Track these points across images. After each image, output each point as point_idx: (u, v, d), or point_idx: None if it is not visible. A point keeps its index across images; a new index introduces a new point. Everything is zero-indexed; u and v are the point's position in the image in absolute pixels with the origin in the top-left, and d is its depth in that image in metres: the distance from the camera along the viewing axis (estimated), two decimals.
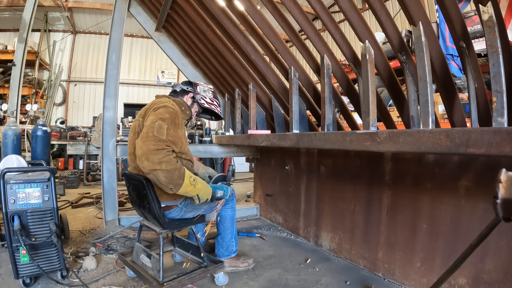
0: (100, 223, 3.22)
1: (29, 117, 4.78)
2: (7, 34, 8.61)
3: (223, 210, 2.17)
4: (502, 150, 0.98)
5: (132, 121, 8.38)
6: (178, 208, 1.87)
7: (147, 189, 1.72)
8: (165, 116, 1.68)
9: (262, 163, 3.74)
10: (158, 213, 1.77)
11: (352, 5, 1.60)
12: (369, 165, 2.29)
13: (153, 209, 1.76)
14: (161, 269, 1.73)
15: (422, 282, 1.88)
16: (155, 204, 1.75)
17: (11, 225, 1.75)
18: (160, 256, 1.75)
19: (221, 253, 2.21)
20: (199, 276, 1.89)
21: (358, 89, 1.90)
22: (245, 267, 2.23)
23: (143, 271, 1.89)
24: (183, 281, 1.79)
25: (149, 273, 1.84)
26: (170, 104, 1.82)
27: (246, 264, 2.24)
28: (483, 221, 1.60)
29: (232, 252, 2.22)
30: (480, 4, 1.17)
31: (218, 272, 2.00)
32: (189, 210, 1.91)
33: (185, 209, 1.89)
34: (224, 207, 2.16)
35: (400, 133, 1.32)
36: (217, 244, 2.23)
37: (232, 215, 2.20)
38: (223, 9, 2.27)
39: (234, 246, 2.23)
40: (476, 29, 3.12)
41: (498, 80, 1.12)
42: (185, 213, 1.90)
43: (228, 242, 2.20)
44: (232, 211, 2.20)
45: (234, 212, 2.22)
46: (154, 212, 1.77)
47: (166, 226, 1.84)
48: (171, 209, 1.86)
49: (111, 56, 3.10)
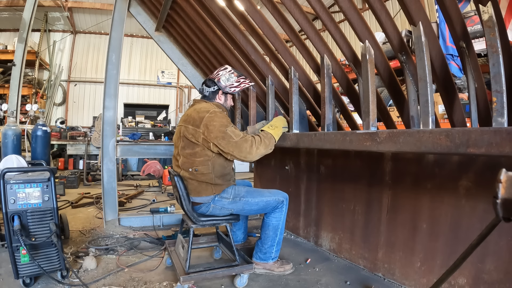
0: (100, 223, 3.22)
1: (29, 117, 4.77)
2: (7, 34, 8.60)
3: (267, 217, 2.15)
4: (502, 150, 0.98)
5: (133, 121, 8.43)
6: (205, 204, 2.01)
7: (178, 186, 1.93)
8: (224, 123, 1.93)
9: (262, 163, 3.74)
10: (188, 207, 1.96)
11: (352, 5, 1.60)
12: (369, 165, 2.29)
13: (183, 203, 1.95)
14: (188, 260, 1.88)
15: (422, 282, 1.88)
16: (185, 200, 1.95)
17: (11, 225, 1.75)
18: (189, 248, 1.91)
19: (258, 256, 2.19)
20: (223, 273, 1.97)
21: (358, 89, 1.90)
22: (279, 272, 2.17)
23: (177, 259, 2.07)
24: (204, 274, 1.91)
25: (181, 262, 2.00)
26: (214, 109, 2.00)
27: (282, 269, 2.19)
28: (483, 221, 1.60)
29: (269, 258, 2.17)
30: (480, 4, 1.17)
31: (246, 273, 2.00)
32: (218, 208, 2.02)
33: (213, 206, 2.01)
34: (270, 214, 2.13)
35: (400, 133, 1.32)
36: (256, 246, 2.22)
37: (276, 224, 2.12)
38: (223, 9, 2.27)
39: (274, 253, 2.18)
40: (476, 29, 3.12)
41: (498, 80, 1.12)
42: (213, 209, 2.02)
43: (267, 249, 2.16)
44: (277, 221, 2.12)
45: (280, 222, 2.13)
46: (184, 207, 1.96)
47: (195, 221, 1.98)
48: (201, 205, 2.02)
49: (111, 56, 3.10)
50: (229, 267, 1.99)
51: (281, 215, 2.13)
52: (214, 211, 2.02)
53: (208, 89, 2.12)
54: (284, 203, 2.13)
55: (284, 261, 2.26)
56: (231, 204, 2.02)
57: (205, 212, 2.02)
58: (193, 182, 1.95)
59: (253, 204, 2.05)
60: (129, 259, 2.36)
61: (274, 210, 2.11)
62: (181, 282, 1.81)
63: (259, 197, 2.07)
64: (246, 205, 2.05)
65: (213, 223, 2.05)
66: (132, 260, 2.35)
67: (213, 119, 1.91)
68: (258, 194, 2.09)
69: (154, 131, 7.96)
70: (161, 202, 4.25)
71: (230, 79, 2.10)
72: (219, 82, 2.09)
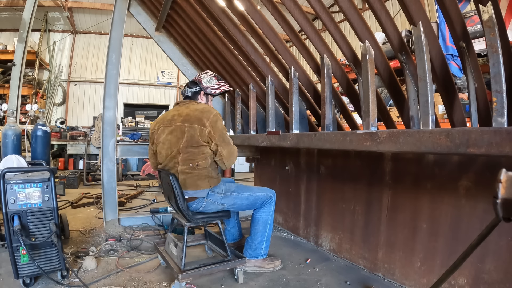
0: (100, 223, 3.22)
1: (29, 117, 4.77)
2: (7, 34, 8.61)
3: (257, 212, 2.22)
4: (502, 150, 0.98)
5: (133, 121, 8.43)
6: (200, 199, 2.04)
7: (173, 185, 1.93)
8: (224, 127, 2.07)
9: (262, 163, 3.74)
10: (183, 205, 1.97)
11: (352, 5, 1.60)
12: (369, 165, 2.29)
13: (178, 201, 1.96)
14: (183, 258, 1.91)
15: (422, 282, 1.88)
16: (180, 198, 1.95)
17: (11, 225, 1.75)
18: (183, 246, 1.93)
19: (248, 253, 2.23)
20: (218, 269, 2.02)
21: (358, 89, 1.90)
22: (270, 268, 2.23)
23: (170, 259, 2.08)
24: (201, 270, 1.94)
25: (174, 261, 2.03)
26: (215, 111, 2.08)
27: (272, 266, 2.24)
28: (483, 221, 1.60)
29: (259, 255, 2.23)
30: (480, 4, 1.17)
31: (239, 267, 2.06)
32: (211, 202, 2.06)
33: (206, 200, 2.04)
34: (259, 209, 2.21)
35: (400, 133, 1.32)
36: (246, 244, 2.27)
37: (265, 219, 2.21)
38: (223, 9, 2.27)
39: (263, 250, 2.24)
40: (476, 29, 3.12)
41: (498, 80, 1.12)
42: (207, 204, 2.05)
43: (257, 245, 2.22)
44: (266, 215, 2.21)
45: (269, 216, 2.22)
46: (178, 204, 1.96)
47: (190, 219, 2.01)
48: (194, 200, 2.04)
49: (111, 56, 3.10)
50: (223, 263, 2.04)
51: (270, 209, 2.22)
52: (207, 205, 2.06)
53: (190, 90, 2.22)
54: (272, 199, 2.23)
55: (273, 257, 2.32)
56: (223, 198, 2.08)
57: (198, 208, 2.06)
58: (192, 176, 2.01)
59: (244, 199, 2.14)
60: (129, 260, 2.37)
61: (263, 205, 2.20)
62: (180, 279, 1.83)
63: (249, 192, 2.16)
64: (237, 200, 2.12)
65: (206, 220, 2.09)
66: (132, 260, 2.35)
67: (217, 121, 2.03)
68: (248, 189, 2.19)
69: None
70: (161, 202, 4.25)
71: (211, 82, 2.22)
72: (201, 84, 2.20)
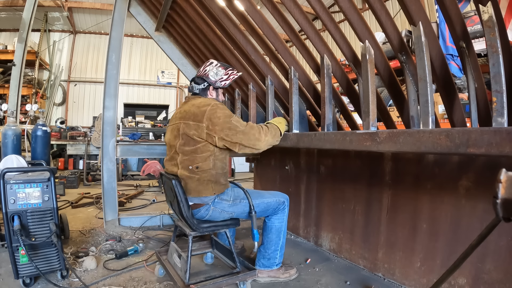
0: (100, 223, 3.22)
1: (29, 117, 4.76)
2: (7, 34, 8.59)
3: (269, 220, 2.07)
4: (502, 150, 0.98)
5: (133, 121, 8.42)
6: (205, 207, 1.87)
7: (176, 190, 1.76)
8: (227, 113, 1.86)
9: (262, 163, 3.74)
10: (187, 213, 1.80)
11: (352, 5, 1.59)
12: (369, 165, 2.29)
13: (181, 209, 1.78)
14: (188, 271, 1.75)
15: (422, 282, 1.88)
16: (184, 205, 1.78)
17: (11, 225, 1.75)
18: (188, 258, 1.76)
19: (261, 263, 2.08)
20: (226, 282, 1.85)
21: (358, 89, 1.90)
22: (285, 278, 2.09)
23: (172, 270, 1.92)
24: (207, 285, 1.77)
25: (178, 273, 1.85)
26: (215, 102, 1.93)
27: (287, 275, 2.10)
28: (483, 221, 1.60)
29: (274, 265, 2.08)
30: (480, 4, 1.17)
31: (249, 280, 1.91)
32: (218, 211, 1.90)
33: (213, 208, 1.88)
34: (272, 216, 2.06)
35: (400, 133, 1.32)
36: (259, 253, 2.12)
37: (278, 227, 2.05)
38: (223, 9, 2.27)
39: (278, 259, 2.09)
40: (476, 29, 3.12)
41: (498, 80, 1.12)
42: (213, 212, 1.89)
43: (271, 254, 2.06)
44: (279, 223, 2.05)
45: (283, 224, 2.07)
46: (182, 212, 1.79)
47: (195, 228, 1.84)
48: (200, 207, 1.88)
49: (111, 56, 3.10)
50: (232, 275, 1.89)
51: (283, 216, 2.07)
52: (213, 214, 1.89)
53: (198, 87, 2.03)
54: (285, 204, 2.08)
55: (287, 266, 2.18)
56: (232, 206, 1.92)
57: (203, 217, 1.89)
58: (193, 180, 1.83)
59: (254, 206, 1.97)
60: (129, 260, 2.36)
61: (275, 212, 2.05)
62: None
63: (259, 199, 1.99)
64: (247, 208, 1.95)
65: (212, 229, 1.92)
66: (132, 260, 2.35)
67: (215, 111, 1.83)
68: (259, 196, 2.01)
69: (154, 131, 7.96)
70: (161, 202, 4.25)
71: (219, 73, 2.02)
72: (208, 78, 2.00)
